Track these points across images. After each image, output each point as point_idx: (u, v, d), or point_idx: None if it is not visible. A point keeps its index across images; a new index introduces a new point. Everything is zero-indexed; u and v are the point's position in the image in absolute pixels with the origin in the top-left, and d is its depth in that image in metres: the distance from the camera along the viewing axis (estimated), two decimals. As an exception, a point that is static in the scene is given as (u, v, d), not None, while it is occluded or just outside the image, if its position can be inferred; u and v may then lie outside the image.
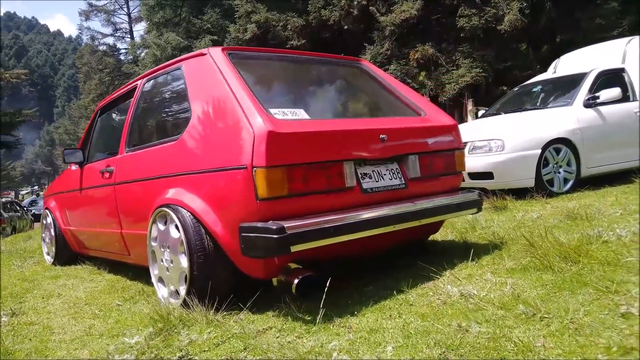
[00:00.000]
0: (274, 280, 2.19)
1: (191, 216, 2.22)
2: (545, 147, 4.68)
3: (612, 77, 5.44)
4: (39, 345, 2.15)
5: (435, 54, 17.61)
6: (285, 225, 1.93)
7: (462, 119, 13.55)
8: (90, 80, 29.29)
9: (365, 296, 2.25)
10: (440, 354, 1.58)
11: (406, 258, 2.77)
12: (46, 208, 4.46)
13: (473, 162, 4.83)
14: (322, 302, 1.94)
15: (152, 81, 3.04)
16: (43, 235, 4.67)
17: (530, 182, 4.63)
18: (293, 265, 2.20)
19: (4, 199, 17.82)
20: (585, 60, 6.10)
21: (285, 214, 2.05)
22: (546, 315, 1.77)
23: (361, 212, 2.23)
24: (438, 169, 2.74)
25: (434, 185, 2.73)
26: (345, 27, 20.14)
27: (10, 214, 15.13)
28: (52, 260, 4.33)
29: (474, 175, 4.85)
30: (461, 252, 2.72)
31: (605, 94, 5.01)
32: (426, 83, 17.33)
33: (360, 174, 2.39)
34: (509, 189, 4.70)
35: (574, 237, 2.79)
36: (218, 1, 21.51)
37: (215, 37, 21.52)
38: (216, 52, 2.53)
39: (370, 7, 18.80)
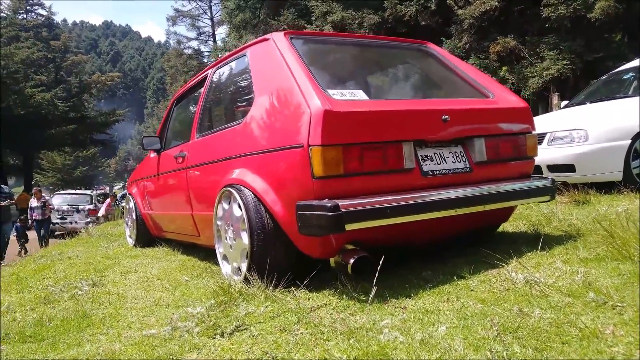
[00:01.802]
0: (331, 261, 2.20)
1: (252, 195, 2.30)
2: (635, 138, 4.27)
3: None
4: (112, 311, 2.34)
5: (518, 47, 16.76)
6: (340, 204, 1.94)
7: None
8: (176, 82, 31.14)
9: (423, 280, 2.19)
10: (496, 336, 1.50)
11: (471, 246, 2.66)
12: (129, 194, 4.82)
13: (553, 154, 4.53)
14: (374, 280, 1.92)
15: (220, 69, 3.18)
16: (126, 219, 5.05)
17: (617, 176, 4.25)
18: (350, 247, 2.19)
19: (97, 192, 19.57)
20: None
21: (341, 193, 2.05)
22: (619, 304, 1.63)
23: (419, 193, 2.18)
24: (507, 154, 2.60)
25: (503, 170, 2.60)
26: (423, 23, 19.77)
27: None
28: (133, 242, 4.66)
29: (553, 168, 4.55)
30: (531, 241, 2.57)
31: None
32: (507, 77, 16.55)
33: (421, 155, 2.33)
34: (593, 183, 4.35)
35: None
36: (294, 2, 21.99)
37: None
38: (279, 37, 2.59)
39: (447, 1, 18.30)
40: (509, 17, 16.94)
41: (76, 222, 14.65)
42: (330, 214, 1.92)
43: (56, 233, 14.75)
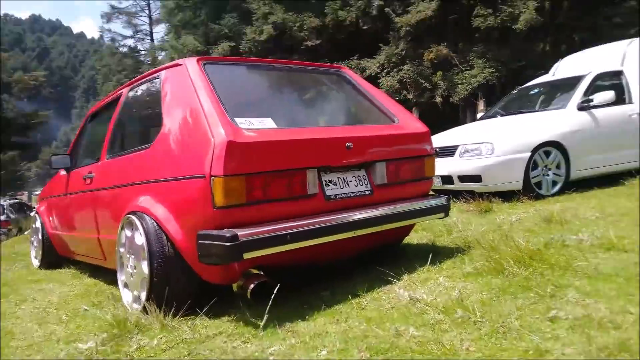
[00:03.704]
0: (234, 286, 2.27)
1: (154, 223, 2.33)
2: (535, 150, 4.67)
3: (610, 80, 5.40)
4: (-7, 352, 2.20)
5: (450, 54, 17.54)
6: (238, 233, 2.02)
7: (474, 120, 13.50)
8: (109, 81, 29.85)
9: (320, 300, 2.32)
10: (368, 358, 1.66)
11: (372, 262, 2.83)
12: (36, 212, 4.58)
13: (463, 166, 4.87)
14: (267, 308, 2.02)
15: (134, 89, 3.17)
16: (32, 239, 4.74)
17: (517, 185, 4.64)
18: (254, 271, 2.29)
19: (11, 201, 18.27)
20: (585, 63, 6.05)
21: (243, 222, 2.13)
22: (480, 320, 1.83)
23: (320, 218, 2.31)
24: (406, 176, 2.79)
25: (402, 191, 2.78)
26: (365, 27, 20.19)
27: (16, 215, 15.41)
28: (38, 264, 4.42)
29: (463, 178, 4.89)
30: (427, 256, 2.76)
31: (599, 97, 4.98)
32: (439, 84, 17.29)
33: (325, 181, 2.47)
34: (497, 192, 4.72)
35: (540, 240, 2.84)
36: (237, 5, 21.85)
37: (233, 43, 21.77)
38: (191, 63, 2.63)
39: (385, 9, 18.80)
40: (443, 26, 17.70)
41: (-14, 234, 13.65)
42: (228, 244, 1.99)
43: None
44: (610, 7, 16.17)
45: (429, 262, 2.63)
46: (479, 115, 6.96)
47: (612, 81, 5.39)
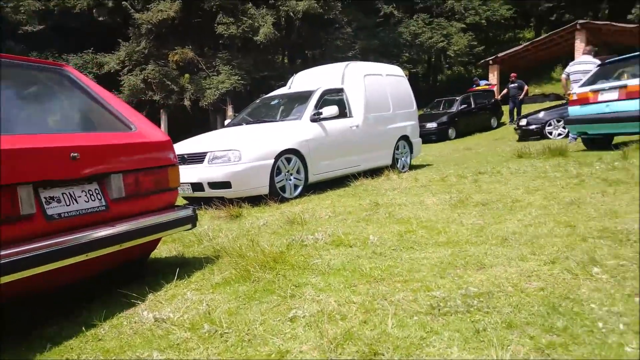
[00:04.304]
0: None
1: None
2: (277, 157, 5.04)
3: (335, 95, 6.24)
4: None
5: (196, 58, 17.64)
6: None
7: (223, 125, 13.99)
8: None
9: (45, 338, 1.96)
10: (102, 399, 1.46)
11: (114, 284, 2.55)
12: None
13: (213, 172, 4.90)
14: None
15: None
16: None
17: (264, 190, 4.93)
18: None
19: None
20: (314, 79, 6.84)
21: None
22: (227, 331, 1.83)
23: (38, 243, 1.94)
24: (147, 187, 2.61)
25: (144, 204, 2.59)
26: (100, 18, 18.50)
27: None
28: None
29: (213, 185, 4.91)
30: (175, 270, 2.64)
31: (326, 111, 5.70)
32: (187, 87, 17.20)
33: (45, 198, 2.09)
34: (246, 197, 4.91)
35: (284, 242, 3.04)
36: None
37: None
38: None
39: (123, 2, 17.70)
40: (187, 28, 17.66)
41: None
42: None
43: None
44: (332, 31, 19.02)
45: (176, 277, 2.52)
46: (227, 122, 7.15)
47: (337, 97, 6.26)
